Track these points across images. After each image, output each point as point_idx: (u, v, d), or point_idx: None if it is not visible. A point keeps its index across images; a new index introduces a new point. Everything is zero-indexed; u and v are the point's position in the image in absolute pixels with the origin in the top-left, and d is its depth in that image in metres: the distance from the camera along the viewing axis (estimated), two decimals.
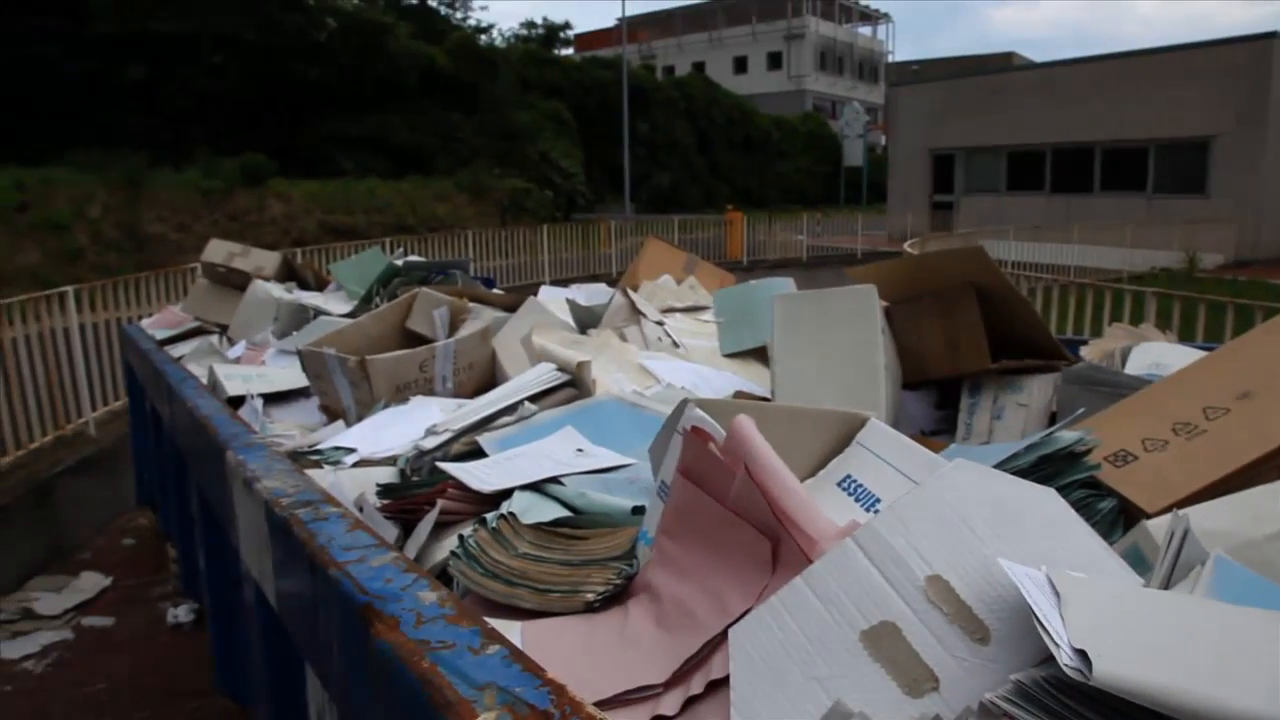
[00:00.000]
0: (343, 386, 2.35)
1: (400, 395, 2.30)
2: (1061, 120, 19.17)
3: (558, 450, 1.68)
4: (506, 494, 1.43)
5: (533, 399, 1.89)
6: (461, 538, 1.24)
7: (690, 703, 0.90)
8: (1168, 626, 0.67)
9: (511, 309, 2.69)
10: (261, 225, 16.03)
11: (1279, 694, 0.55)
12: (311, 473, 1.66)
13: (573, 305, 2.62)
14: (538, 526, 1.25)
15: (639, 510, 1.31)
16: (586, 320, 2.51)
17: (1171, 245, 15.09)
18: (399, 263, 3.65)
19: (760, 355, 2.47)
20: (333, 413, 2.44)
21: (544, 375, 1.93)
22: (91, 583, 4.76)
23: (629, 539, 1.26)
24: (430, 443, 1.78)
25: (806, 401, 1.91)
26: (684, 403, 1.24)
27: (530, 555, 1.22)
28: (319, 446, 1.95)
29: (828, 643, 0.82)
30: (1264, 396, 1.48)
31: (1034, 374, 2.09)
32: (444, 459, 1.71)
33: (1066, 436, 1.34)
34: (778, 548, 0.99)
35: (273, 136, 19.09)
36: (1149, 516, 1.25)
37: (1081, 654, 0.58)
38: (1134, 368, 2.02)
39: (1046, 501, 0.89)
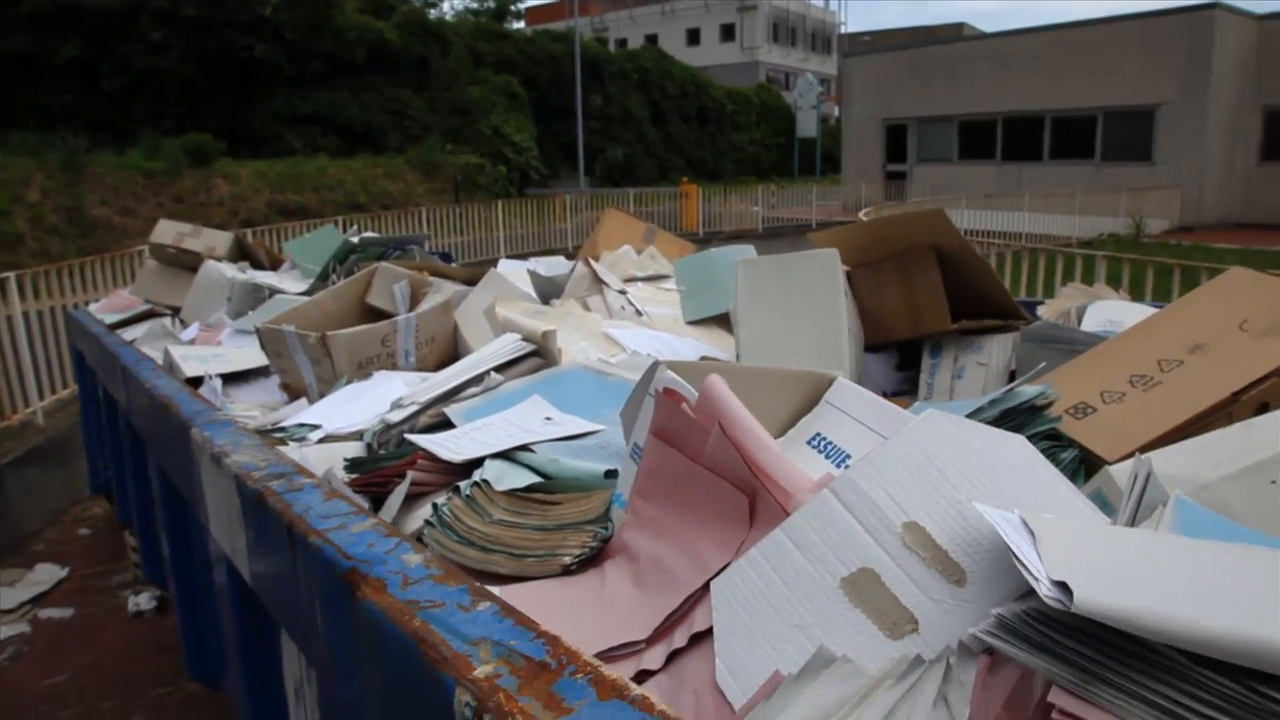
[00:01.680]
0: (303, 364, 2.32)
1: (362, 371, 2.28)
2: (1011, 90, 19.40)
3: (526, 419, 1.68)
4: (477, 463, 1.42)
5: (498, 369, 1.88)
6: (435, 506, 1.24)
7: (674, 656, 0.91)
8: (1139, 559, 0.69)
9: (472, 282, 2.67)
10: (209, 206, 15.66)
11: (1250, 615, 0.57)
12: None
13: (534, 276, 2.61)
14: (512, 493, 1.25)
15: (611, 474, 1.31)
16: (549, 291, 2.50)
17: (1119, 211, 15.40)
18: (355, 239, 3.59)
19: (723, 322, 2.48)
20: (294, 391, 2.41)
21: (509, 346, 1.92)
22: (47, 574, 4.67)
23: (603, 502, 1.26)
24: (396, 416, 1.76)
25: (771, 365, 1.92)
26: (655, 365, 1.25)
27: (505, 521, 1.22)
28: (282, 424, 1.92)
29: (808, 591, 0.83)
30: (1214, 349, 1.52)
31: (993, 334, 2.13)
32: (412, 431, 1.70)
33: (1028, 391, 1.37)
34: (754, 503, 1.00)
35: (218, 115, 18.63)
36: (1109, 465, 1.28)
37: (1060, 586, 0.60)
38: (1089, 325, 2.07)
39: (1016, 447, 0.91)
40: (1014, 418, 1.34)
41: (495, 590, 1.13)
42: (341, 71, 20.35)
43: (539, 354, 1.95)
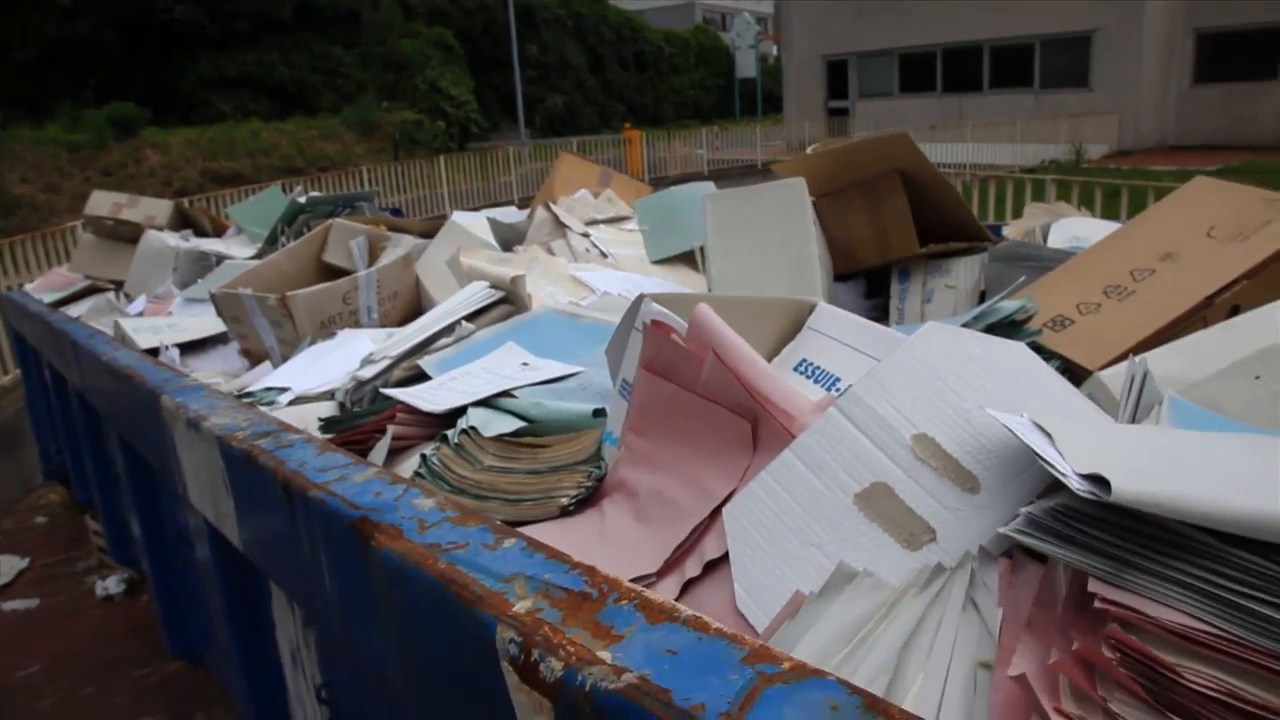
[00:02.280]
0: (263, 327, 2.25)
1: (325, 330, 2.22)
2: (950, 20, 19.38)
3: (503, 366, 1.65)
4: (459, 413, 1.40)
5: (469, 318, 1.85)
6: (424, 457, 1.21)
7: (688, 586, 0.91)
8: (1154, 450, 0.69)
9: (429, 235, 2.61)
10: (140, 178, 15.11)
11: (1272, 494, 0.58)
12: None
13: (494, 224, 2.55)
14: (500, 438, 1.23)
15: (600, 413, 1.30)
16: (510, 238, 2.45)
17: (1059, 139, 15.58)
18: (302, 199, 3.49)
19: (689, 260, 2.46)
20: (255, 356, 2.34)
21: (478, 294, 1.88)
22: (7, 566, 4.54)
23: (593, 441, 1.25)
24: (368, 372, 1.73)
25: (746, 293, 1.91)
26: (640, 299, 1.23)
27: (496, 468, 1.20)
28: (249, 389, 1.87)
29: (822, 509, 0.83)
30: (1184, 255, 1.54)
31: (959, 256, 2.14)
32: (386, 386, 1.66)
33: (1008, 306, 1.37)
34: (756, 428, 0.99)
35: (141, 83, 17.89)
36: (1089, 374, 1.30)
37: (1091, 479, 0.60)
38: (1056, 242, 2.09)
39: (1016, 354, 0.91)
40: (996, 333, 1.35)
41: None
42: (268, 30, 19.63)
43: (508, 300, 1.92)
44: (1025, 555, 0.72)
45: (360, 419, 1.53)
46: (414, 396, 1.47)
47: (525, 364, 1.66)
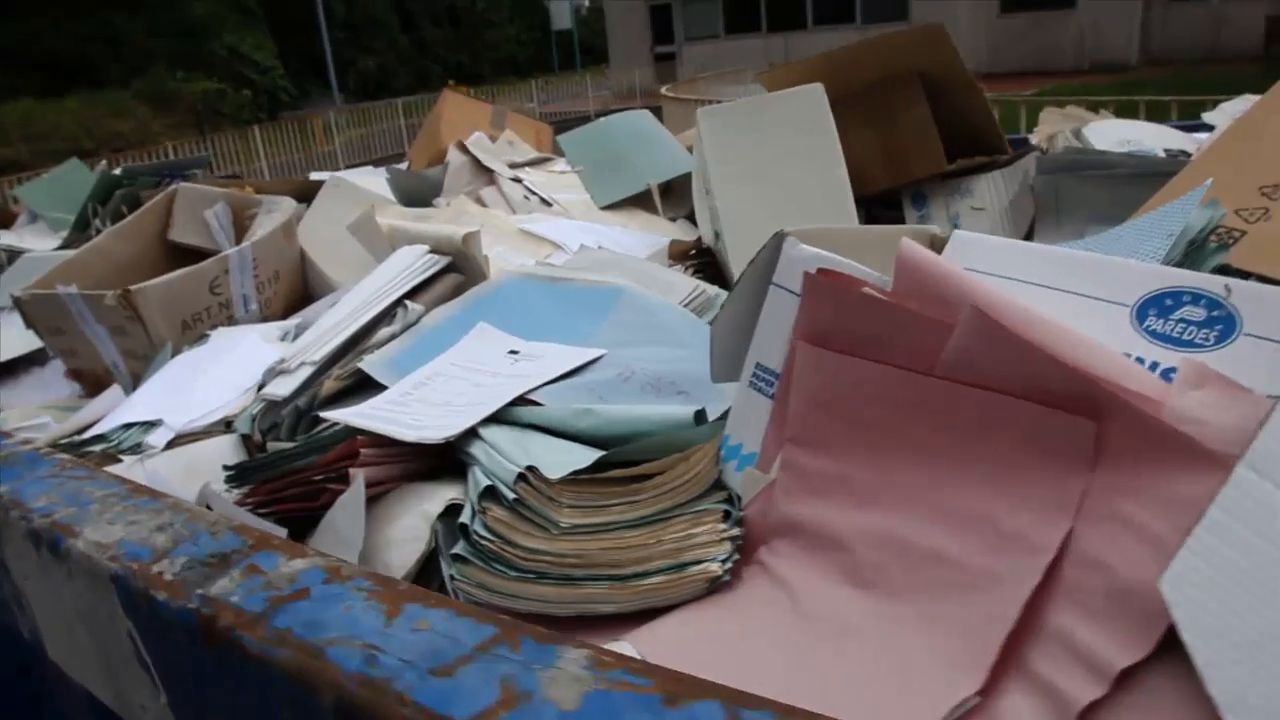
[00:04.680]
0: (99, 337, 1.66)
1: (191, 333, 1.66)
2: None
3: (484, 358, 1.18)
4: (461, 440, 0.92)
5: (408, 296, 1.35)
6: (466, 531, 0.75)
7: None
8: None
9: (302, 197, 2.04)
10: None
11: None
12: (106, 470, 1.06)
13: (396, 174, 2.00)
14: (578, 478, 0.77)
15: (700, 416, 0.86)
16: (421, 190, 1.92)
17: None
18: (117, 171, 2.79)
19: (643, 203, 2.02)
20: (91, 379, 1.74)
21: (416, 263, 1.38)
22: None
23: (711, 462, 0.81)
24: (284, 387, 1.21)
25: (765, 236, 1.51)
26: (781, 237, 0.80)
27: (585, 527, 0.75)
28: (99, 431, 1.30)
29: None
30: None
31: (977, 173, 1.81)
32: (320, 406, 1.16)
33: (1201, 213, 1.02)
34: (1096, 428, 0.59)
35: None
36: None
37: None
38: (1101, 147, 1.79)
39: None
40: (1196, 253, 1.00)
41: (621, 646, 0.67)
42: None
43: (455, 268, 1.43)
44: None
45: (291, 461, 1.02)
46: (383, 420, 0.98)
47: (514, 351, 1.20)
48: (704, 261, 1.58)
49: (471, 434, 0.93)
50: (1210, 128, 2.00)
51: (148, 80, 17.17)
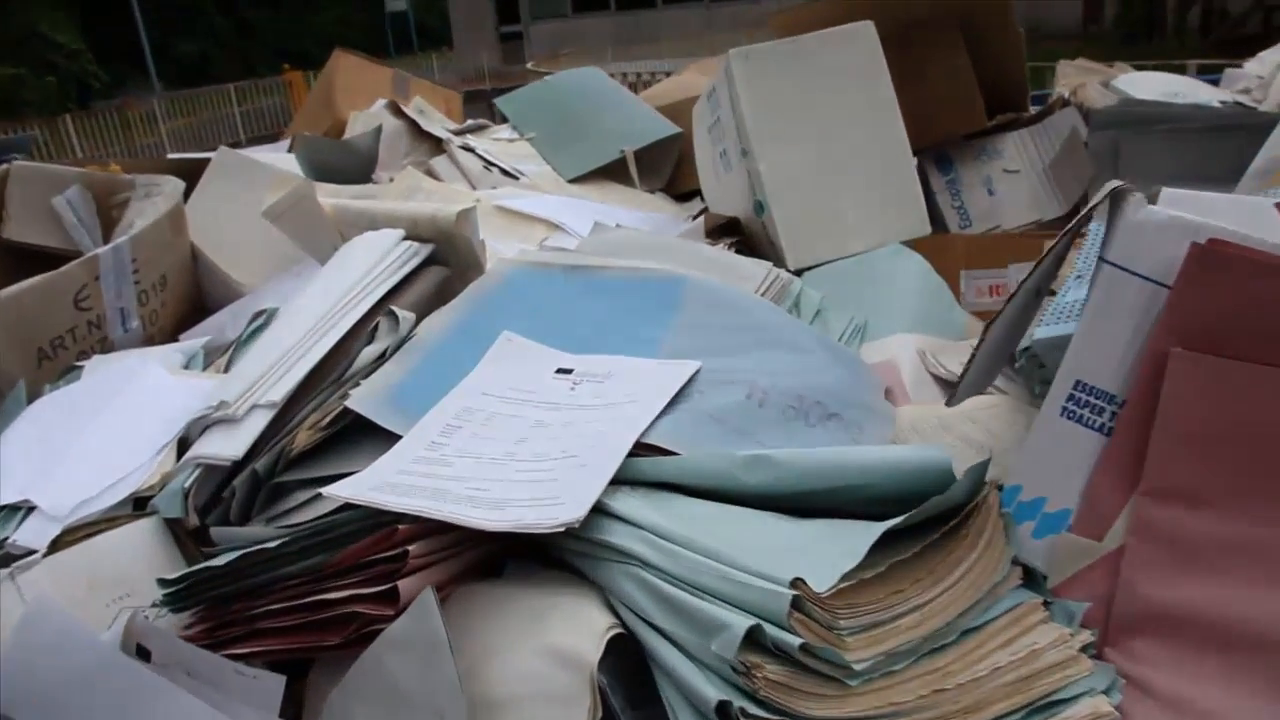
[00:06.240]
0: None
1: (53, 365, 1.23)
2: None
3: (529, 381, 0.85)
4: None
5: (389, 298, 0.99)
6: (725, 713, 0.43)
7: None
8: None
9: (185, 175, 1.58)
10: None
11: None
12: None
13: (307, 144, 1.57)
14: (852, 582, 0.46)
15: (978, 469, 0.57)
16: (343, 163, 1.51)
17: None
18: None
19: (616, 173, 1.70)
20: None
21: (394, 253, 1.01)
22: None
23: (1000, 528, 0.53)
24: (228, 443, 0.83)
25: (817, 207, 1.23)
26: (1118, 194, 0.51)
27: (892, 652, 0.45)
28: None
29: None
30: None
31: (1002, 132, 1.60)
32: (290, 469, 0.79)
33: None
34: None
35: None
36: None
37: None
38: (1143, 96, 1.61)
39: None
40: None
41: None
42: None
43: (437, 259, 1.07)
44: None
45: (276, 566, 0.67)
46: (431, 496, 0.64)
47: (566, 371, 0.87)
48: (737, 241, 1.28)
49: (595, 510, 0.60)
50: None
51: None
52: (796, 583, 0.45)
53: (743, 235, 1.30)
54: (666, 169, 1.72)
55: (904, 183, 1.24)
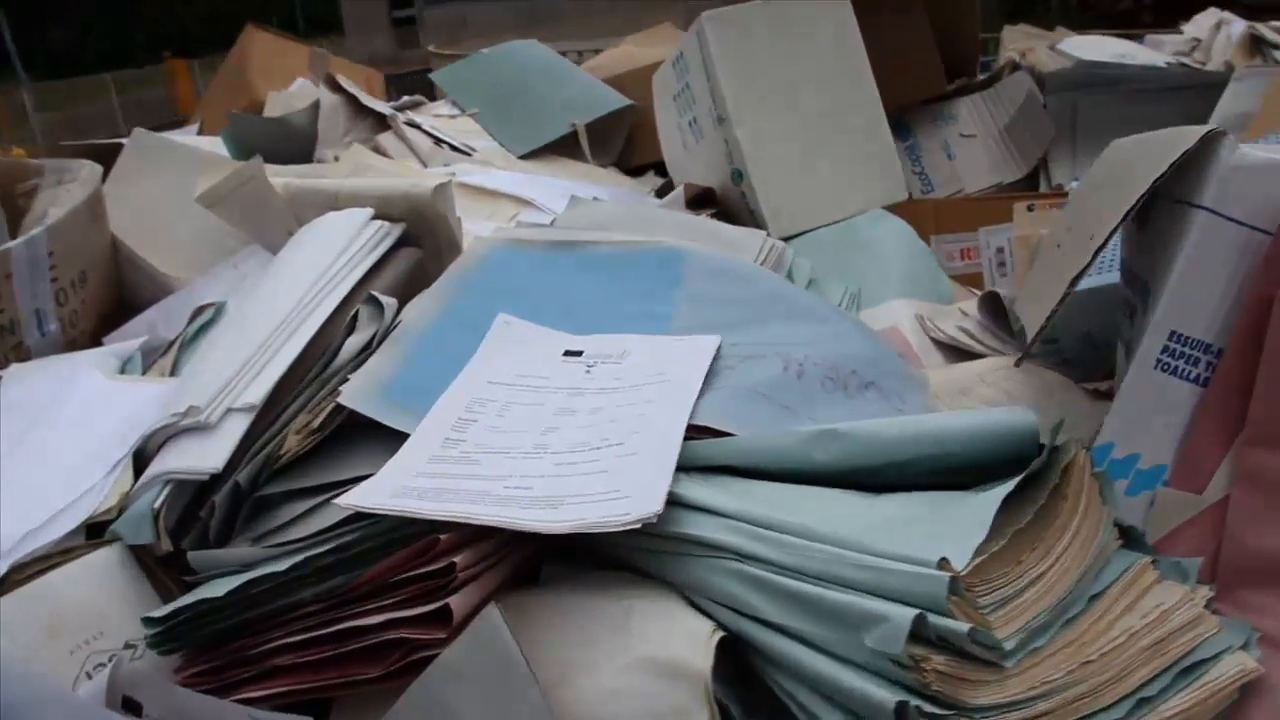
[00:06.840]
0: None
1: None
2: None
3: (538, 365, 0.78)
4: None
5: (365, 284, 0.90)
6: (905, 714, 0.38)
7: None
8: None
9: (97, 160, 1.43)
10: None
11: None
12: None
13: (239, 122, 1.43)
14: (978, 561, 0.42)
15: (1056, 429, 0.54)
16: (277, 143, 1.39)
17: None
18: None
19: (568, 149, 1.63)
20: None
21: (364, 235, 0.93)
22: None
23: (1094, 487, 0.50)
24: (203, 454, 0.74)
25: (797, 175, 1.19)
26: (1213, 139, 0.48)
27: (1032, 627, 0.41)
28: None
29: None
30: None
31: (955, 97, 1.60)
32: (278, 478, 0.71)
33: None
34: None
35: None
36: None
37: None
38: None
39: None
40: None
41: None
42: None
43: (408, 240, 0.99)
44: None
45: (288, 592, 0.59)
46: (469, 497, 0.57)
47: (575, 353, 0.80)
48: (715, 212, 1.23)
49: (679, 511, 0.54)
50: None
51: None
52: (943, 563, 0.41)
53: (719, 206, 1.25)
54: (618, 143, 1.66)
55: (881, 148, 1.22)
